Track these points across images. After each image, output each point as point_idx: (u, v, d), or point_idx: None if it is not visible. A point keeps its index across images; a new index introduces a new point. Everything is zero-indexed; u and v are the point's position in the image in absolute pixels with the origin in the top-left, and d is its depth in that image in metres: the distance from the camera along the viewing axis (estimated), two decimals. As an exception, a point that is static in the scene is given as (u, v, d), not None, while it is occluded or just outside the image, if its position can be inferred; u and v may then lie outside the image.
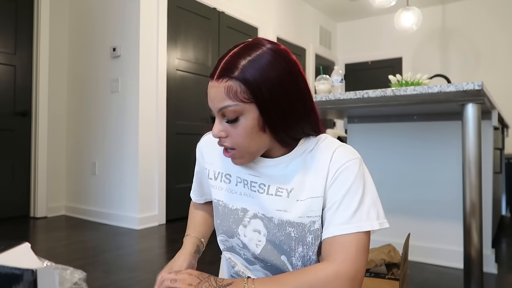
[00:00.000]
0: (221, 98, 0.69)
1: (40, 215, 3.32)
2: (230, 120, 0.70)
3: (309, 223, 0.73)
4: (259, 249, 0.78)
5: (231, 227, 0.81)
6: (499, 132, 2.90)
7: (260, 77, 0.68)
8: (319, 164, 0.75)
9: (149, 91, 3.13)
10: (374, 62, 5.85)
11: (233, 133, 0.71)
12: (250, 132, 0.71)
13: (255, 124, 0.70)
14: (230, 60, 0.69)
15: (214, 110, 0.72)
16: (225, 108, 0.69)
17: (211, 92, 0.71)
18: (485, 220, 2.02)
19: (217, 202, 0.85)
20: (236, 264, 0.84)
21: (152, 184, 3.14)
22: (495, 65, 4.94)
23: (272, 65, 0.69)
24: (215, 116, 0.74)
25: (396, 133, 2.30)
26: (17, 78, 3.30)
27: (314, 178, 0.74)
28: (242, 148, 0.72)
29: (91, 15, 3.43)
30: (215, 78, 0.70)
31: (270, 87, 0.68)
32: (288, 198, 0.75)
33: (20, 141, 3.32)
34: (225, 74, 0.68)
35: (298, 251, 0.74)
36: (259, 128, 0.71)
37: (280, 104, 0.70)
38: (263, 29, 4.45)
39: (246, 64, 0.68)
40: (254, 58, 0.68)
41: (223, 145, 0.74)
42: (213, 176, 0.86)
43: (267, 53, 0.69)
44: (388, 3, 3.66)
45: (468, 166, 1.53)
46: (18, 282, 0.41)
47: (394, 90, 1.64)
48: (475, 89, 1.46)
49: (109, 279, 1.85)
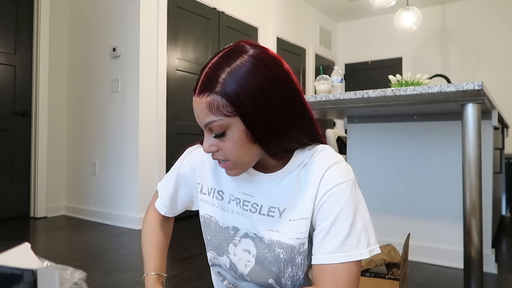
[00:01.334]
0: (205, 113, 0.66)
1: (40, 215, 3.32)
2: (217, 135, 0.68)
3: (298, 245, 0.72)
4: (247, 269, 0.76)
5: (222, 244, 0.80)
6: (499, 132, 2.90)
7: (241, 89, 0.64)
8: (309, 183, 0.71)
9: (149, 91, 3.13)
10: (374, 62, 5.85)
11: (223, 146, 0.69)
12: (240, 145, 0.68)
13: (243, 136, 0.67)
14: (209, 72, 0.66)
15: (201, 125, 0.69)
16: (210, 123, 0.67)
17: (195, 108, 0.68)
18: (485, 220, 2.02)
19: (209, 218, 0.83)
20: (225, 278, 0.84)
21: (152, 184, 3.13)
22: (495, 65, 4.94)
23: (252, 74, 0.65)
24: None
25: (396, 133, 2.30)
26: (17, 78, 3.30)
27: (304, 198, 0.72)
28: (234, 160, 0.70)
29: (91, 15, 3.43)
30: (197, 93, 0.67)
31: (251, 97, 0.65)
32: (280, 219, 0.73)
33: (20, 141, 3.32)
34: (206, 89, 0.66)
35: (288, 271, 0.73)
36: (248, 140, 0.68)
37: (265, 114, 0.66)
38: (263, 29, 4.45)
39: (225, 77, 0.65)
40: (232, 69, 0.65)
41: (218, 160, 0.72)
42: (207, 191, 0.83)
43: (247, 62, 0.65)
44: (388, 3, 3.67)
45: (468, 166, 1.53)
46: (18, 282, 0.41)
47: (394, 90, 1.64)
48: (475, 89, 1.46)
49: (109, 279, 1.85)
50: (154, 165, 3.16)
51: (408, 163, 2.26)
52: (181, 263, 2.12)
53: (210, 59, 0.69)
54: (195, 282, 1.81)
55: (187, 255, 2.23)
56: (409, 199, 2.24)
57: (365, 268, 1.42)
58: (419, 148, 2.23)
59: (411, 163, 2.25)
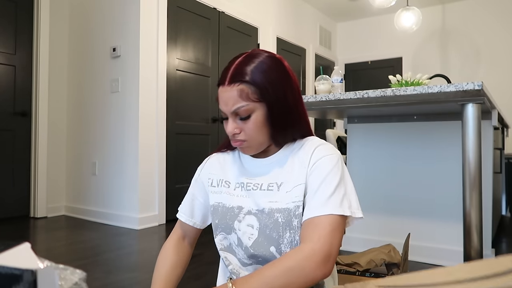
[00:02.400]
0: (235, 100, 0.80)
1: (40, 215, 3.32)
2: (243, 118, 0.81)
3: (293, 207, 0.81)
4: (251, 241, 0.85)
5: (228, 223, 0.89)
6: (499, 132, 2.90)
7: (266, 79, 0.81)
8: (303, 157, 0.86)
9: (149, 91, 3.13)
10: (374, 62, 5.85)
11: (246, 128, 0.82)
12: (260, 126, 0.82)
13: (263, 119, 0.82)
14: (237, 67, 0.81)
15: (227, 111, 0.82)
16: (239, 108, 0.80)
17: (224, 96, 0.81)
18: (485, 220, 2.02)
19: (217, 204, 0.92)
20: (230, 263, 0.90)
21: (152, 184, 3.14)
22: (495, 65, 4.94)
23: (272, 69, 0.83)
24: (226, 117, 0.84)
25: (396, 133, 2.30)
26: (17, 78, 3.30)
27: (299, 169, 0.85)
28: (253, 139, 0.84)
29: (91, 15, 3.43)
30: (227, 83, 0.81)
31: (274, 87, 0.81)
32: (279, 191, 0.85)
33: (20, 141, 3.32)
34: (237, 79, 0.80)
35: (286, 236, 0.82)
36: (266, 123, 0.83)
37: (282, 103, 0.83)
38: (263, 29, 4.45)
39: (253, 69, 0.80)
40: (257, 64, 0.81)
41: (236, 140, 0.84)
42: (216, 183, 0.94)
43: (267, 59, 0.83)
44: (388, 3, 3.67)
45: (468, 166, 1.53)
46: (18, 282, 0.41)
47: (394, 90, 1.64)
48: (475, 89, 1.46)
49: (109, 279, 1.85)
50: (154, 165, 3.16)
51: (408, 163, 2.26)
52: (181, 263, 2.11)
53: (233, 60, 0.84)
54: (195, 282, 1.81)
55: (187, 255, 2.23)
56: (409, 199, 2.24)
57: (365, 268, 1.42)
58: (419, 148, 2.23)
59: (411, 163, 2.25)
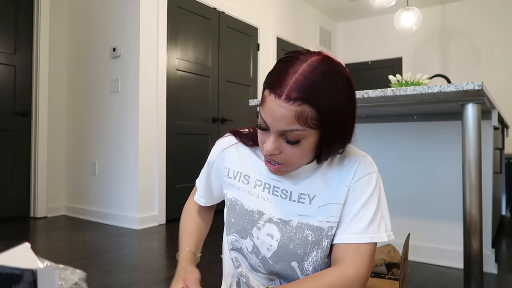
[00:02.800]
0: (290, 121, 0.66)
1: (40, 215, 3.32)
2: (290, 142, 0.69)
3: (327, 228, 0.76)
4: (270, 253, 0.78)
5: (246, 227, 0.81)
6: (499, 132, 2.90)
7: (332, 106, 0.66)
8: (342, 173, 0.77)
9: (149, 91, 3.13)
10: (374, 62, 5.85)
11: (289, 152, 0.70)
12: (306, 153, 0.71)
13: (313, 146, 0.70)
14: (303, 80, 0.65)
15: (274, 128, 0.68)
16: (289, 131, 0.67)
17: (277, 112, 0.66)
18: (485, 220, 2.02)
19: (234, 201, 0.84)
20: (241, 265, 0.84)
21: (152, 184, 3.14)
22: (495, 65, 4.94)
23: (343, 93, 0.68)
24: (266, 128, 0.70)
25: (396, 133, 2.30)
26: (17, 78, 3.30)
27: (337, 186, 0.77)
28: (292, 164, 0.73)
29: (91, 15, 3.43)
30: (284, 98, 0.65)
31: (337, 115, 0.68)
32: (310, 205, 0.78)
33: (20, 141, 3.32)
34: (299, 98, 0.64)
35: (312, 255, 0.76)
36: (314, 149, 0.71)
37: (340, 131, 0.71)
38: (263, 29, 4.45)
39: (322, 91, 0.65)
40: (329, 84, 0.66)
41: (271, 161, 0.73)
42: (233, 175, 0.85)
43: (339, 78, 0.68)
44: (388, 3, 3.66)
45: (468, 166, 1.53)
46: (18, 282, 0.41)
47: (394, 90, 1.64)
48: (475, 89, 1.46)
49: (109, 279, 1.85)
50: (154, 165, 3.16)
51: (408, 163, 2.26)
52: (181, 263, 2.11)
53: (294, 64, 0.67)
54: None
55: (187, 255, 2.23)
56: (409, 199, 2.24)
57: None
58: (419, 148, 2.23)
59: (411, 163, 2.25)
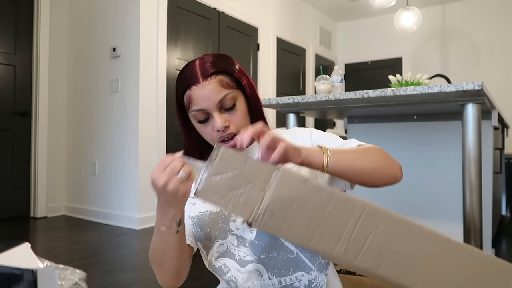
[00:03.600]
0: (218, 90, 0.78)
1: (40, 215, 3.32)
2: (229, 108, 0.79)
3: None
4: (253, 234, 0.80)
5: (222, 227, 0.83)
6: (499, 132, 2.90)
7: (233, 68, 0.82)
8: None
9: (149, 91, 3.13)
10: (374, 62, 5.85)
11: (234, 118, 0.80)
12: (246, 115, 0.82)
13: (245, 107, 0.83)
14: (204, 64, 0.80)
15: (211, 106, 0.78)
16: (224, 97, 0.78)
17: (205, 91, 0.78)
18: (485, 220, 2.02)
19: (201, 213, 0.85)
20: (229, 269, 0.84)
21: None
22: (495, 65, 4.94)
23: (232, 61, 0.84)
24: (205, 117, 0.80)
25: (396, 133, 2.30)
26: (17, 78, 3.30)
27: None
28: (243, 129, 0.77)
29: (91, 15, 3.43)
30: (203, 80, 0.78)
31: (242, 74, 0.83)
32: None
33: (20, 141, 3.32)
34: (210, 73, 0.78)
35: None
36: (247, 111, 0.83)
37: (252, 90, 0.85)
38: (263, 29, 4.45)
39: (218, 62, 0.81)
40: (221, 58, 0.82)
41: (226, 136, 0.80)
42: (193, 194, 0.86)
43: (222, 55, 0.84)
44: (388, 3, 3.66)
45: (468, 166, 1.53)
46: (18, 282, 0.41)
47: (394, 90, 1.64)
48: (475, 89, 1.46)
49: (109, 279, 1.85)
50: (154, 165, 3.15)
51: (408, 163, 2.26)
52: (181, 263, 2.11)
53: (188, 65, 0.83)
54: (195, 282, 1.81)
55: (187, 255, 2.23)
56: (409, 199, 2.24)
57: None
58: (419, 148, 2.23)
59: (411, 163, 2.25)
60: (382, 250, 0.59)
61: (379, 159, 0.77)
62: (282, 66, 4.80)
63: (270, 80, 4.56)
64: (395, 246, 0.60)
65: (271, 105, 2.05)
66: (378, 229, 0.60)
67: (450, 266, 0.60)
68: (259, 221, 0.59)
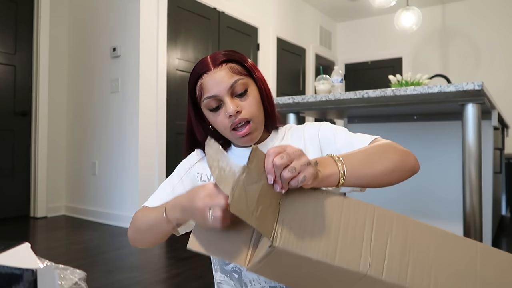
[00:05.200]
0: (229, 76, 0.80)
1: (40, 215, 3.32)
2: (241, 93, 0.80)
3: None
4: None
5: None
6: (499, 132, 2.90)
7: (246, 61, 0.85)
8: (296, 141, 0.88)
9: (149, 91, 3.13)
10: (374, 62, 5.85)
11: (246, 104, 0.80)
12: (258, 101, 0.83)
13: (257, 94, 0.84)
14: (218, 53, 0.83)
15: (223, 91, 0.79)
16: (235, 82, 0.80)
17: (217, 77, 0.79)
18: (485, 220, 2.02)
19: None
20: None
21: (152, 184, 3.13)
22: (495, 65, 4.94)
23: (243, 55, 0.86)
24: (218, 105, 0.80)
25: (396, 133, 2.30)
26: (17, 78, 3.30)
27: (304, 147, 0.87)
28: (256, 116, 0.81)
29: (91, 15, 3.43)
30: (214, 67, 0.80)
31: (252, 67, 0.85)
32: None
33: (20, 141, 3.32)
34: (222, 61, 0.81)
35: None
36: (259, 99, 0.84)
37: (263, 82, 0.86)
38: (263, 29, 4.45)
39: (232, 53, 0.84)
40: (231, 51, 0.85)
41: (239, 122, 0.80)
42: (206, 178, 0.88)
43: (234, 50, 0.86)
44: (388, 3, 3.66)
45: (468, 166, 1.53)
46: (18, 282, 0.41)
47: (394, 90, 1.64)
48: (475, 89, 1.46)
49: (109, 279, 1.85)
50: (154, 165, 3.16)
51: (408, 163, 2.25)
52: (181, 263, 2.12)
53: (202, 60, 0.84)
54: (195, 282, 1.81)
55: (187, 255, 2.23)
56: (409, 199, 2.24)
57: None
58: (419, 148, 2.23)
59: (411, 163, 2.25)
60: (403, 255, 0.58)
61: (394, 156, 0.73)
62: (282, 66, 4.80)
63: (270, 80, 4.56)
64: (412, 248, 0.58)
65: (271, 105, 2.05)
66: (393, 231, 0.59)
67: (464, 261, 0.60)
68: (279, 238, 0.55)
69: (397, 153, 0.74)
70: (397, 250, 0.58)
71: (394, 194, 2.28)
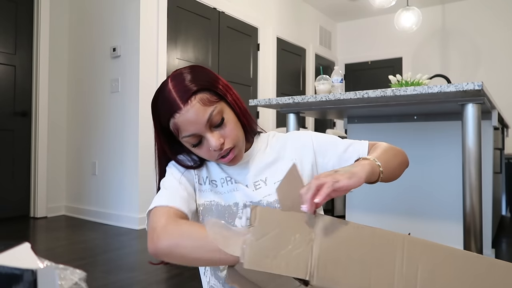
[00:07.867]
0: (203, 110, 0.76)
1: (40, 215, 3.32)
2: (219, 124, 0.78)
3: None
4: None
5: (228, 221, 0.83)
6: (499, 132, 2.90)
7: (208, 81, 0.79)
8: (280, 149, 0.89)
9: (149, 91, 3.13)
10: (374, 62, 5.85)
11: (227, 132, 0.79)
12: (236, 122, 0.81)
13: (233, 116, 0.81)
14: (178, 88, 0.76)
15: (201, 128, 0.77)
16: (211, 115, 0.76)
17: (191, 115, 0.75)
18: (485, 220, 2.02)
19: (209, 203, 0.85)
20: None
21: (152, 184, 3.12)
22: (495, 65, 4.94)
23: (203, 72, 0.81)
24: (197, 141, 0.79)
25: (396, 133, 2.30)
26: (17, 78, 3.30)
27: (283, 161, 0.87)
28: (238, 139, 0.81)
29: (91, 15, 3.43)
30: (183, 104, 0.75)
31: (218, 84, 0.80)
32: (267, 185, 0.85)
33: (20, 141, 3.32)
34: (188, 95, 0.76)
35: None
36: (236, 119, 0.82)
37: (232, 96, 0.83)
38: (263, 29, 4.45)
39: (193, 79, 0.77)
40: (189, 76, 0.78)
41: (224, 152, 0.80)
42: (203, 181, 0.88)
43: (190, 70, 0.80)
44: (388, 3, 3.66)
45: (468, 166, 1.53)
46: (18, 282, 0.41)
47: (394, 90, 1.64)
48: (475, 89, 1.46)
49: (109, 279, 1.85)
50: (154, 165, 3.15)
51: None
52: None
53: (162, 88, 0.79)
54: (195, 282, 1.81)
55: (187, 255, 2.23)
56: (409, 199, 2.24)
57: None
58: (419, 148, 2.23)
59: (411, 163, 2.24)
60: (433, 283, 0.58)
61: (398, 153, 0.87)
62: (282, 66, 4.80)
63: (270, 80, 4.56)
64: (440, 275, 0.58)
65: (271, 105, 2.05)
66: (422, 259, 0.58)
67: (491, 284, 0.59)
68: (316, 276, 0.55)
69: (399, 150, 0.88)
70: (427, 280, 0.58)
71: (394, 194, 2.29)
